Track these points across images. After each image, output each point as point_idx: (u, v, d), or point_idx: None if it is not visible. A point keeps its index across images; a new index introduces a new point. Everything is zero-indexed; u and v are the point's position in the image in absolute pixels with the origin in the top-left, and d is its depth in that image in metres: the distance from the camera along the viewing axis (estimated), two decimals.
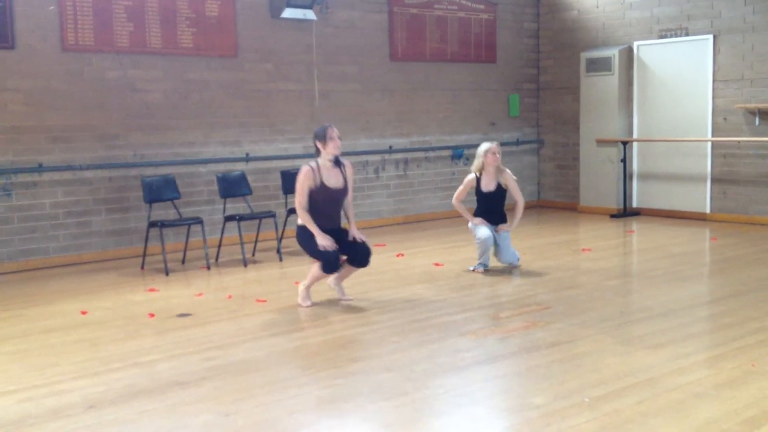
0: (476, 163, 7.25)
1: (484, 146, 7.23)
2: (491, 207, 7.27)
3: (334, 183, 5.97)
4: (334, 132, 5.95)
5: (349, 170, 6.11)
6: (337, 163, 6.02)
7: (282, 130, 9.38)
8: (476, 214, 7.31)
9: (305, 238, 5.97)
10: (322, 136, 5.94)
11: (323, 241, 5.84)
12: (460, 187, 7.39)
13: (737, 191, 9.86)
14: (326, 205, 5.98)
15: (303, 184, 5.91)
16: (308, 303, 6.07)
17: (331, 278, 6.22)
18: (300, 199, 5.92)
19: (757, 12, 9.50)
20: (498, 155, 7.17)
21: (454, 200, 7.45)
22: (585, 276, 6.99)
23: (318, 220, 5.92)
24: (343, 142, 6.26)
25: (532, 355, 4.75)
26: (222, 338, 5.23)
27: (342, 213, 6.20)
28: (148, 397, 4.16)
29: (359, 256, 6.04)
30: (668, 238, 8.91)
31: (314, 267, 6.04)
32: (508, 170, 7.31)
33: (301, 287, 6.16)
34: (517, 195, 7.30)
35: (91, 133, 8.11)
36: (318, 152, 5.99)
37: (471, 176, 7.31)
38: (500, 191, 7.26)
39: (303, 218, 5.93)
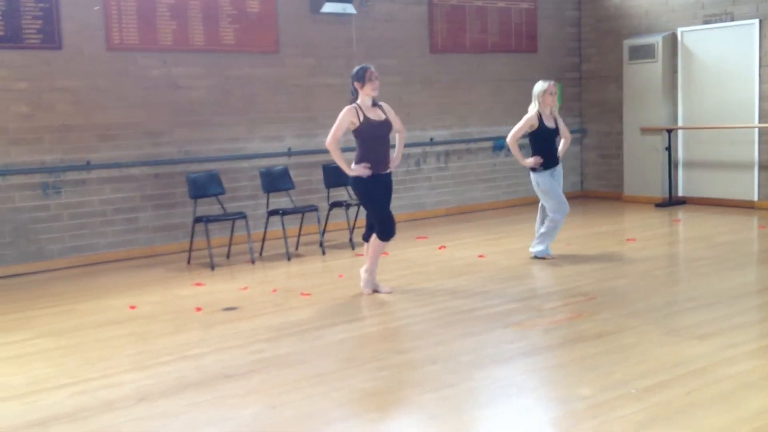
0: (535, 105, 7.09)
1: (541, 86, 7.06)
2: (550, 146, 7.14)
3: (376, 117, 5.99)
4: (373, 73, 5.94)
5: (387, 107, 6.13)
6: (374, 104, 6.05)
7: (324, 125, 9.39)
8: (536, 155, 7.11)
9: (366, 193, 6.03)
10: (361, 77, 5.94)
11: (353, 171, 5.95)
12: (520, 124, 7.10)
13: None
14: (375, 142, 5.98)
15: (344, 119, 5.95)
16: (369, 290, 6.17)
17: (363, 282, 6.24)
18: (337, 133, 5.97)
19: None
20: (555, 95, 7.08)
21: (510, 139, 7.13)
22: (630, 266, 6.91)
23: (371, 162, 5.95)
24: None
25: (577, 346, 4.72)
26: (268, 331, 5.30)
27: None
28: (196, 390, 4.24)
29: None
30: (715, 227, 8.75)
31: (373, 245, 6.09)
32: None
33: (365, 273, 6.20)
34: (566, 131, 7.32)
35: (136, 130, 8.26)
36: (356, 93, 6.01)
37: (532, 115, 7.07)
38: (557, 129, 7.20)
39: (333, 152, 6.00)
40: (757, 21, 9.69)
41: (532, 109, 7.12)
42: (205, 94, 8.65)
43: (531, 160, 7.10)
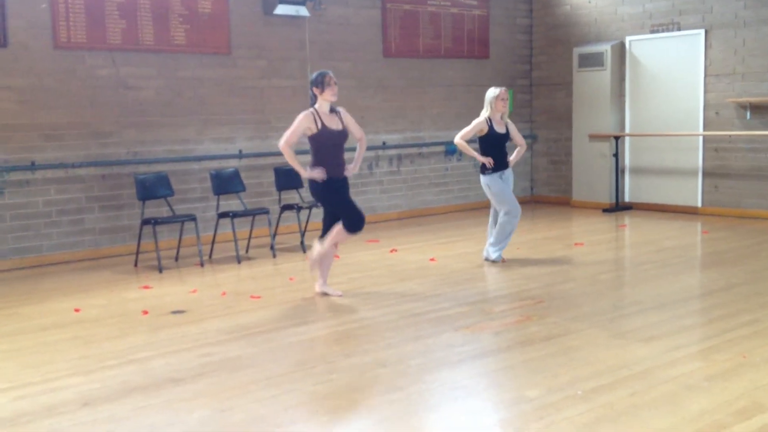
0: (486, 110, 7.17)
1: (493, 92, 7.16)
2: (500, 150, 7.20)
3: (335, 126, 5.94)
4: (331, 78, 5.90)
5: (346, 115, 6.07)
6: (332, 111, 6.00)
7: (275, 127, 9.36)
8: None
9: (326, 197, 5.99)
10: (319, 82, 5.88)
11: (308, 174, 5.90)
12: (468, 128, 7.22)
13: (728, 185, 9.91)
14: (331, 150, 5.94)
15: (300, 124, 5.88)
16: (315, 270, 6.21)
17: (317, 283, 6.23)
18: (291, 137, 5.90)
19: (749, 7, 9.54)
20: (507, 101, 7.18)
21: (458, 139, 7.24)
22: (578, 270, 7.01)
23: (326, 168, 5.90)
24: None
25: (526, 348, 4.77)
26: (216, 335, 5.24)
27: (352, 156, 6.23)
28: (142, 394, 4.17)
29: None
30: (660, 232, 8.95)
31: (336, 231, 5.97)
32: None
33: (318, 245, 6.08)
34: (519, 138, 7.40)
35: (83, 130, 8.10)
36: (314, 99, 5.95)
37: (482, 119, 7.16)
38: (508, 134, 7.27)
39: (287, 154, 5.94)
40: (702, 31, 9.95)
41: (483, 113, 7.21)
42: (155, 94, 8.53)
43: (486, 159, 7.14)
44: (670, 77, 10.35)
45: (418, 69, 10.69)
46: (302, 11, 9.28)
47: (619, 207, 10.74)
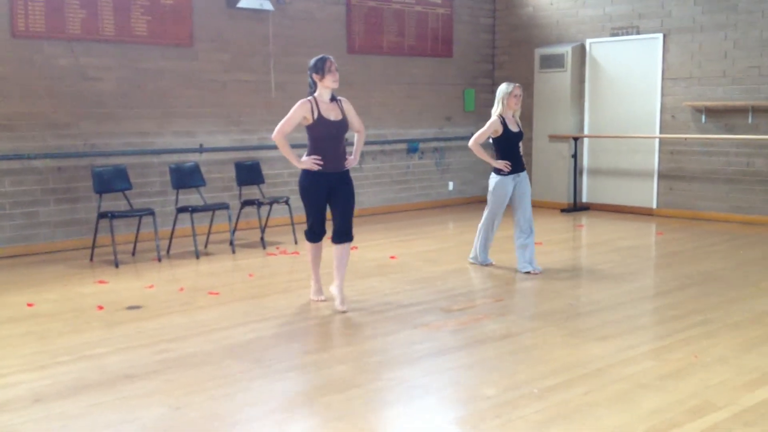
0: (497, 108, 6.79)
1: (505, 88, 6.75)
2: (515, 150, 6.88)
3: (333, 116, 5.63)
4: (333, 64, 5.61)
5: (346, 104, 5.76)
6: (333, 99, 5.70)
7: (237, 121, 9.31)
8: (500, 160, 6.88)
9: (304, 188, 5.68)
10: (320, 68, 5.57)
11: (303, 164, 5.59)
12: (483, 130, 6.82)
13: (683, 187, 10.10)
14: (330, 141, 5.61)
15: (296, 113, 5.55)
16: (321, 297, 5.94)
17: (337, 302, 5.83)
18: (285, 127, 5.57)
19: (706, 12, 9.73)
20: (520, 97, 6.80)
21: (472, 143, 6.85)
22: None
23: (325, 162, 5.59)
24: (299, 135, 6.21)
25: (483, 347, 4.82)
26: (173, 331, 5.19)
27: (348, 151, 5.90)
28: (96, 391, 4.11)
29: (337, 229, 5.76)
30: (616, 233, 9.09)
31: (338, 262, 5.80)
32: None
33: (333, 289, 5.85)
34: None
35: (40, 121, 7.94)
36: (314, 87, 5.65)
37: (495, 119, 6.75)
38: (521, 133, 6.96)
39: (280, 144, 5.62)
40: (661, 35, 10.12)
41: (495, 112, 6.84)
42: (115, 86, 8.40)
43: (501, 163, 6.85)
44: (629, 80, 10.51)
45: (381, 66, 10.69)
46: (266, 5, 9.22)
47: (576, 207, 10.88)
